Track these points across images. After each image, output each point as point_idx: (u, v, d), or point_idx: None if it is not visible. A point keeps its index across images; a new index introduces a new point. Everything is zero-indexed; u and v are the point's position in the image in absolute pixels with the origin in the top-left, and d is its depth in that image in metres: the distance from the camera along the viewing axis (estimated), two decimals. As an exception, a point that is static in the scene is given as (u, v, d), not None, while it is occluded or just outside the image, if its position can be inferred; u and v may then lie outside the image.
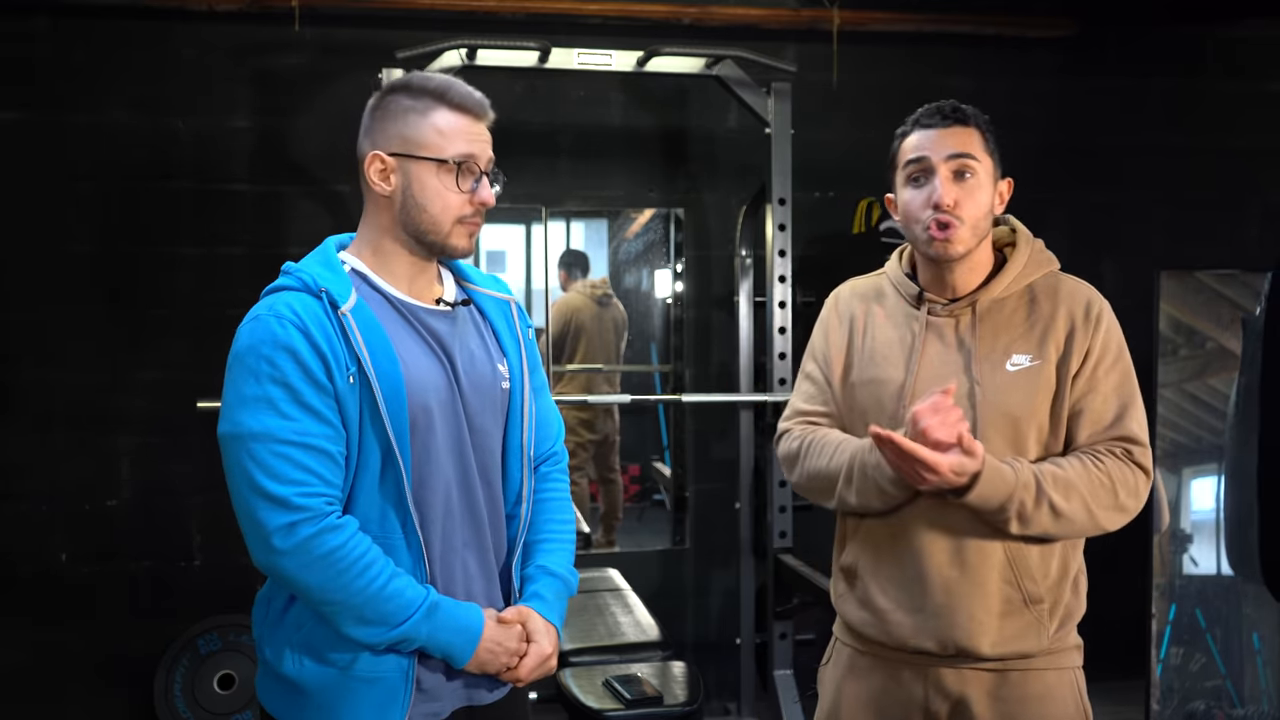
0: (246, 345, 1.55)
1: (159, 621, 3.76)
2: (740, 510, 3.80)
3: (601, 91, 4.00)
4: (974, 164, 1.79)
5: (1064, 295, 1.85)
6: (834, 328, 1.95)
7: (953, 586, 1.79)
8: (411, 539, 1.58)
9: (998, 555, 1.78)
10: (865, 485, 1.80)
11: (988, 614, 1.78)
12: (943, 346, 1.84)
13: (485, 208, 1.64)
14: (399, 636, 1.55)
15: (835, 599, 1.95)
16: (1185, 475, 3.56)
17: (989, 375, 1.80)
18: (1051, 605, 1.80)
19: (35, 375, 3.74)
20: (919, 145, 1.81)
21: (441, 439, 1.61)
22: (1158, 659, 3.50)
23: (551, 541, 1.76)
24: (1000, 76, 4.18)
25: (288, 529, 1.50)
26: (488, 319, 1.75)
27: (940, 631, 1.79)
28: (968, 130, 1.80)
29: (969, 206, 1.79)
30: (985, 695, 1.81)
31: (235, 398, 1.55)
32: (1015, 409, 1.79)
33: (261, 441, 1.51)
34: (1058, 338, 1.81)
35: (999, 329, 1.83)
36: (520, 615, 1.67)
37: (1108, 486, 1.76)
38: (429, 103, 1.61)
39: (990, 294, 1.84)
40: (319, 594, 1.53)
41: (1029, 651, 1.80)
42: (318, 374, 1.53)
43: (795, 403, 1.98)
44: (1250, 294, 3.56)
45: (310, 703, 1.59)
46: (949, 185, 1.78)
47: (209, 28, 3.76)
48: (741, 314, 3.92)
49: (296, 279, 1.59)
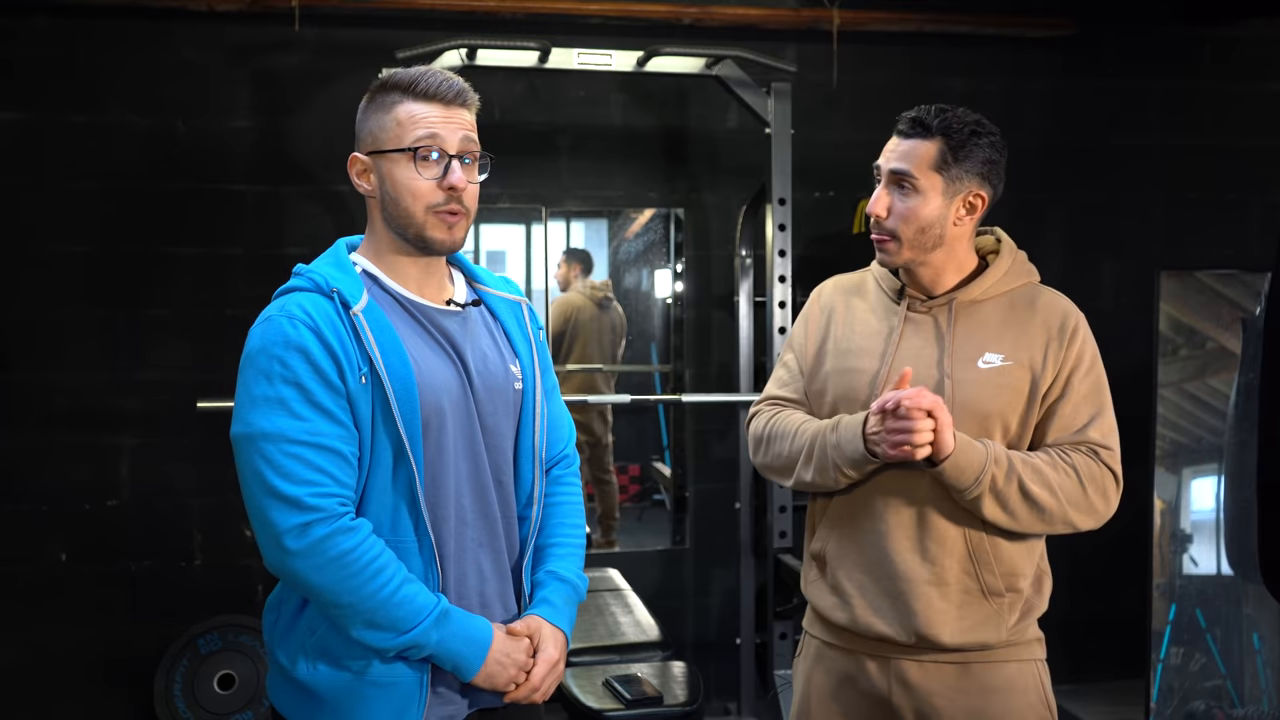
0: (258, 346, 1.55)
1: (159, 621, 3.76)
2: (740, 510, 3.80)
3: (601, 91, 4.00)
4: (913, 181, 1.85)
5: (1041, 306, 1.90)
6: (813, 318, 2.02)
7: (914, 573, 1.83)
8: (424, 539, 1.58)
9: (959, 546, 1.83)
10: (824, 464, 1.86)
11: (947, 603, 1.83)
12: (919, 340, 1.89)
13: (457, 193, 1.60)
14: (408, 643, 1.54)
15: (805, 585, 2.00)
16: (1185, 475, 3.56)
17: (960, 371, 1.85)
18: (1011, 600, 1.85)
19: (35, 375, 3.74)
20: (883, 153, 1.90)
21: (454, 439, 1.61)
22: (1158, 659, 3.50)
23: (563, 546, 1.75)
24: (999, 76, 4.18)
25: (300, 529, 1.49)
26: (499, 320, 1.75)
27: (901, 618, 1.84)
28: (925, 144, 1.85)
29: (902, 217, 1.86)
30: (947, 688, 1.85)
31: (247, 398, 1.54)
32: (983, 405, 1.83)
33: (274, 442, 1.51)
34: (1032, 346, 1.86)
35: (974, 329, 1.88)
36: (529, 628, 1.65)
37: (1074, 480, 1.81)
38: (396, 96, 1.61)
39: (969, 295, 1.89)
40: (329, 596, 1.52)
41: (989, 642, 1.84)
42: (330, 374, 1.52)
43: (769, 388, 2.06)
44: (1250, 294, 3.56)
45: (325, 707, 1.58)
46: (882, 196, 1.88)
47: (209, 28, 3.76)
48: (741, 314, 3.92)
49: (308, 279, 1.59)
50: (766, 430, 1.99)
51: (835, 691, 1.93)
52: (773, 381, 2.06)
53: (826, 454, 1.85)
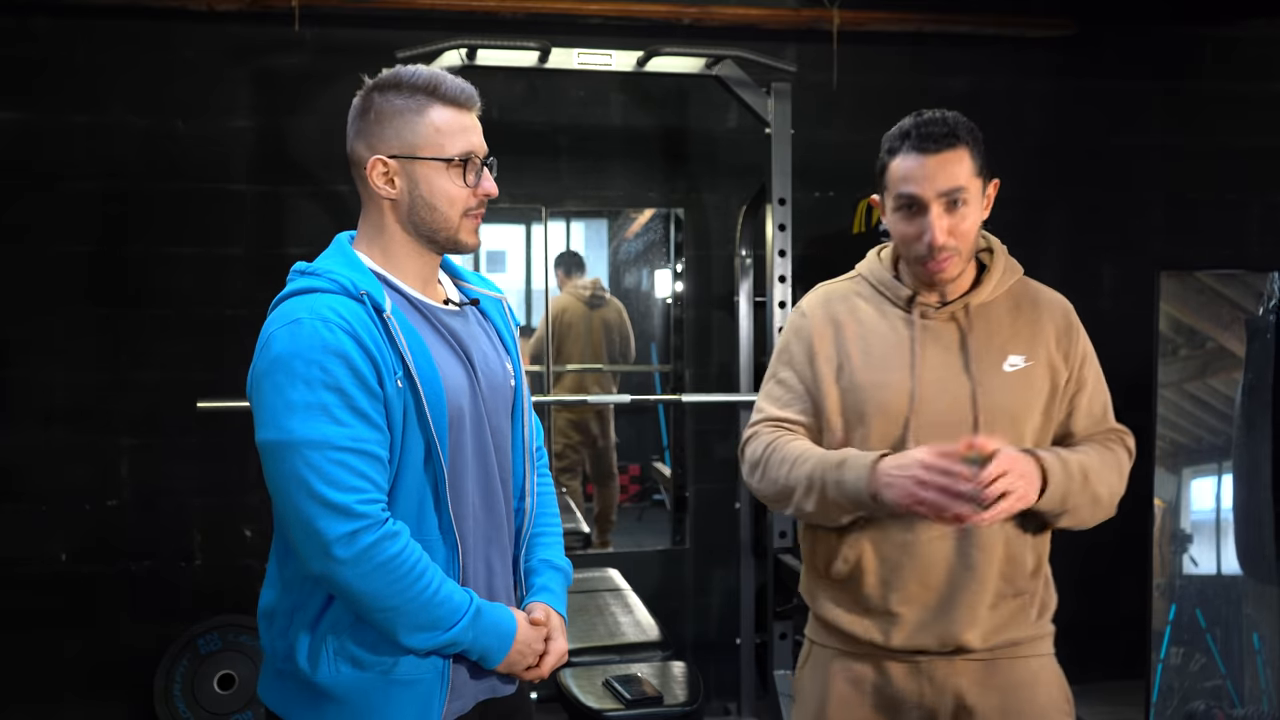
0: (291, 350, 1.51)
1: (159, 621, 3.76)
2: (740, 510, 3.80)
3: (601, 91, 4.00)
4: (965, 194, 1.77)
5: (1043, 302, 1.92)
6: (819, 333, 1.90)
7: (957, 584, 1.81)
8: (448, 538, 1.59)
9: (999, 552, 1.82)
10: (824, 502, 1.79)
11: (983, 608, 1.82)
12: (940, 349, 1.85)
13: (489, 198, 1.66)
14: (449, 640, 1.56)
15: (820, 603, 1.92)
16: (1185, 475, 3.55)
17: (988, 376, 1.83)
18: (1032, 595, 1.87)
19: (35, 375, 3.74)
20: (910, 176, 1.77)
21: (470, 438, 1.63)
22: (1158, 659, 3.50)
23: (549, 534, 1.81)
24: (1000, 76, 4.17)
25: (349, 537, 1.48)
26: (489, 318, 1.77)
27: (941, 629, 1.82)
28: (958, 153, 1.77)
29: (962, 233, 1.79)
30: (977, 685, 1.84)
31: (282, 404, 1.50)
32: (1014, 408, 1.83)
33: (318, 449, 1.48)
34: (1047, 344, 1.87)
35: (991, 331, 1.86)
36: (546, 614, 1.70)
37: (1119, 472, 1.88)
38: (423, 100, 1.60)
39: (979, 298, 1.87)
40: (375, 601, 1.51)
41: (1016, 639, 1.85)
42: (369, 379, 1.51)
43: (764, 407, 1.94)
44: (1250, 294, 3.55)
45: (343, 708, 1.57)
46: (942, 221, 1.76)
47: (209, 28, 3.76)
48: (741, 314, 3.92)
49: (330, 281, 1.57)
50: (765, 454, 1.88)
51: (860, 700, 1.87)
52: (768, 401, 1.94)
53: (827, 494, 1.78)
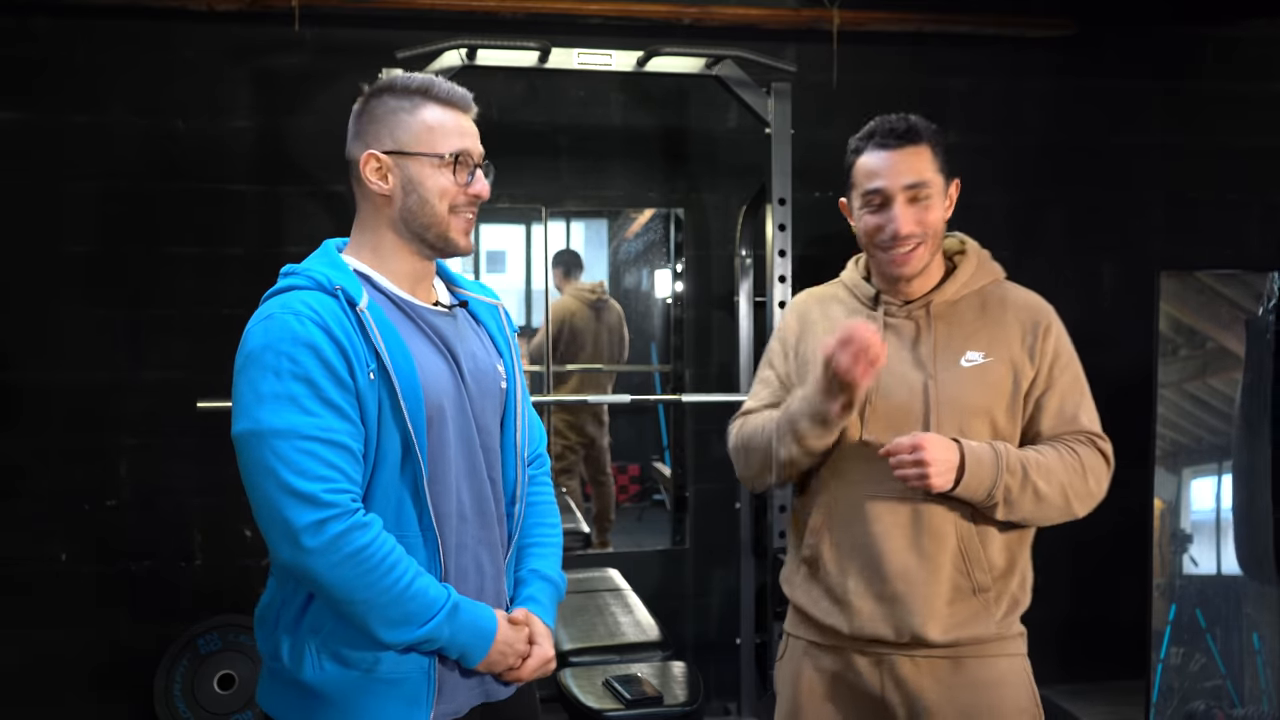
0: (263, 343, 1.53)
1: (159, 621, 3.76)
2: (740, 510, 3.80)
3: (601, 91, 4.00)
4: (928, 189, 1.87)
5: (1013, 303, 1.94)
6: (790, 330, 2.04)
7: (910, 574, 1.85)
8: (428, 535, 1.59)
9: (951, 544, 1.85)
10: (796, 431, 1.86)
11: (939, 601, 1.85)
12: (899, 344, 1.90)
13: (480, 200, 1.66)
14: (423, 636, 1.55)
15: (792, 590, 2.00)
16: (1185, 475, 3.55)
17: (943, 370, 1.87)
18: (996, 594, 1.88)
19: (35, 375, 3.74)
20: (875, 172, 1.89)
21: (453, 436, 1.62)
22: (1158, 659, 3.50)
23: (543, 545, 1.79)
24: (999, 76, 4.17)
25: (317, 526, 1.48)
26: (480, 322, 1.78)
27: (897, 618, 1.85)
28: (920, 149, 1.88)
29: (926, 224, 1.88)
30: (939, 684, 1.86)
31: (253, 396, 1.52)
32: (968, 402, 1.86)
33: (286, 438, 1.49)
34: (1010, 343, 1.89)
35: (952, 329, 1.90)
36: (527, 617, 1.69)
37: (1080, 473, 1.86)
38: (416, 100, 1.63)
39: (943, 296, 1.92)
40: (345, 593, 1.51)
41: (980, 637, 1.87)
42: (340, 370, 1.52)
43: (747, 405, 2.07)
44: (1251, 294, 3.55)
45: (331, 708, 1.57)
46: (907, 213, 1.87)
47: (209, 28, 3.76)
48: (741, 314, 3.92)
49: (307, 278, 1.59)
50: (741, 438, 2.01)
51: (828, 691, 1.94)
52: (751, 397, 2.07)
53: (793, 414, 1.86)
